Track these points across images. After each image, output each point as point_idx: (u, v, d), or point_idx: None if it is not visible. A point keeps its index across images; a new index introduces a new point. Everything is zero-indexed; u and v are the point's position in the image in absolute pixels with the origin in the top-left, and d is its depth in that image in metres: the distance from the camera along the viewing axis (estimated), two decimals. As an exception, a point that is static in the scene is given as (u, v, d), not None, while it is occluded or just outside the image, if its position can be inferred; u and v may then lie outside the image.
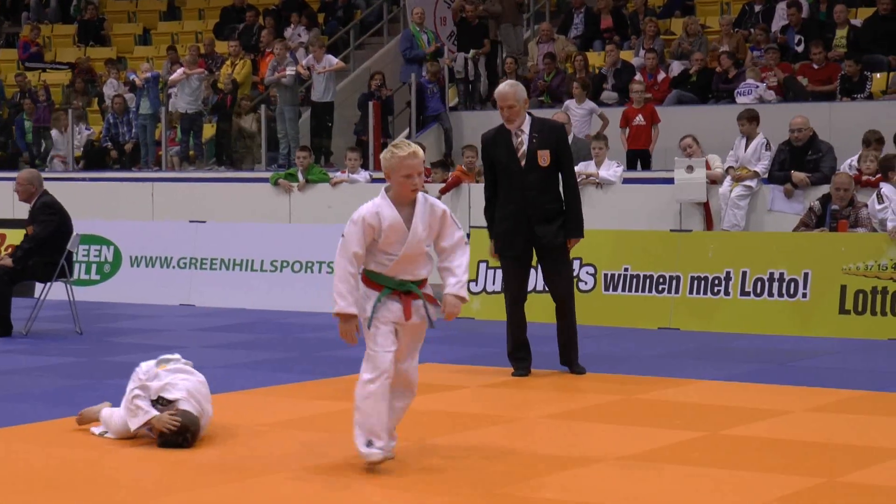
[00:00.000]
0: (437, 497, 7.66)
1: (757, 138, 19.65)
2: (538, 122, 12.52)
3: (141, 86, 26.93)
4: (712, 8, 26.42)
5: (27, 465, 9.12)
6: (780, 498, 7.87)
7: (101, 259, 20.84)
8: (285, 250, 19.74)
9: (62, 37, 32.06)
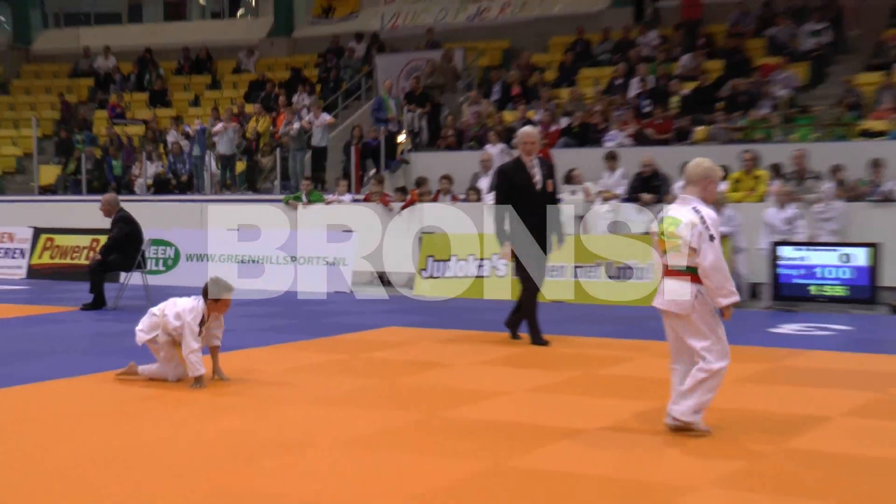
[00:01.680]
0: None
1: (618, 171, 19.90)
2: (542, 160, 12.62)
3: (193, 135, 26.92)
4: (588, 81, 26.28)
5: (114, 394, 9.28)
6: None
7: (165, 256, 20.96)
8: (293, 249, 19.82)
9: (138, 101, 31.77)
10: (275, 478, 6.65)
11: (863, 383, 9.83)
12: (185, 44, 34.13)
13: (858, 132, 21.19)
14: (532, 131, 12.76)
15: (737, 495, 6.35)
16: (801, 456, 7.25)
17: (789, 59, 24.60)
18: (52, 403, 9.17)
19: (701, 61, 25.33)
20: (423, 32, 30.62)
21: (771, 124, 22.02)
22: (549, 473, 6.76)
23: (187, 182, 26.52)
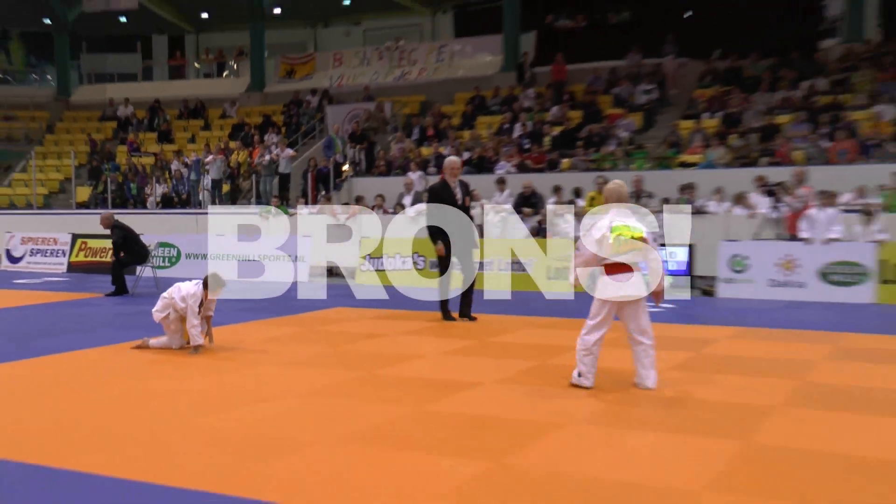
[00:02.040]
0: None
1: (506, 192, 19.96)
2: (461, 182, 12.55)
3: (190, 165, 26.68)
4: (483, 125, 26.33)
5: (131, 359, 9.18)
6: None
7: (170, 255, 20.71)
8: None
9: (149, 139, 31.59)
10: (253, 420, 6.68)
11: (683, 346, 9.94)
12: (185, 97, 34.04)
13: (678, 163, 21.47)
14: (455, 160, 12.76)
15: (597, 429, 6.40)
16: (641, 396, 7.35)
17: (628, 110, 24.90)
18: (85, 365, 9.10)
19: (565, 111, 25.47)
20: (361, 89, 30.55)
21: (616, 157, 22.20)
22: (458, 415, 6.78)
23: (186, 199, 26.36)
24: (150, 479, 5.24)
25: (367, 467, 5.51)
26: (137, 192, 27.17)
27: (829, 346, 10.15)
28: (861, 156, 19.78)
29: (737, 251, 15.79)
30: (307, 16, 37.55)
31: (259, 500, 4.89)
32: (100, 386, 8.01)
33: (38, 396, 7.60)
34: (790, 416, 6.86)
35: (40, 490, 5.14)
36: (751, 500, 4.92)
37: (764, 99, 23.35)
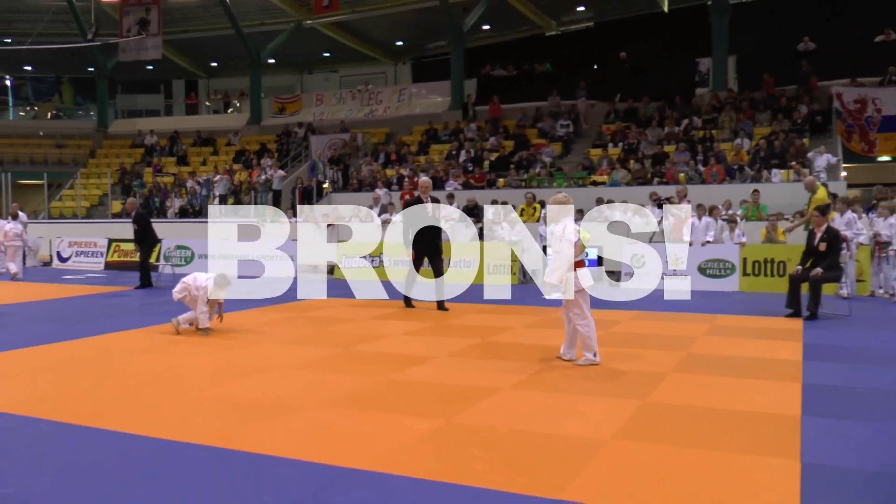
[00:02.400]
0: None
1: (455, 204, 19.74)
2: (433, 198, 12.26)
3: (202, 183, 26.35)
4: (436, 151, 26.34)
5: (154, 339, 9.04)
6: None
7: (186, 255, 20.36)
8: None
9: (169, 162, 31.13)
10: (252, 388, 6.59)
11: (596, 325, 9.94)
12: (198, 128, 33.58)
13: (590, 182, 21.56)
14: (427, 180, 12.57)
15: (526, 392, 6.38)
16: (560, 366, 7.35)
17: (550, 141, 24.97)
18: (117, 345, 8.89)
19: (501, 141, 25.51)
20: (338, 123, 30.34)
21: (541, 177, 22.26)
22: (417, 383, 6.72)
23: (199, 210, 25.96)
24: (170, 436, 5.18)
25: (344, 425, 5.47)
26: (160, 205, 26.78)
27: (707, 325, 10.24)
28: (727, 177, 20.03)
29: (636, 251, 15.88)
30: (295, 65, 37.60)
31: (258, 452, 4.85)
32: (129, 362, 7.86)
33: (78, 370, 7.45)
34: (677, 379, 6.90)
35: (75, 444, 5.06)
36: (647, 445, 4.98)
37: (655, 133, 23.56)
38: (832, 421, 5.56)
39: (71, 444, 5.08)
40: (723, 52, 25.27)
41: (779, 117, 22.46)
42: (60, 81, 39.60)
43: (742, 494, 4.19)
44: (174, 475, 4.51)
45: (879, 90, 21.08)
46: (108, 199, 28.91)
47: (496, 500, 4.11)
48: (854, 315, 11.16)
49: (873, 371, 7.29)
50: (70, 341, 9.07)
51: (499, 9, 29.19)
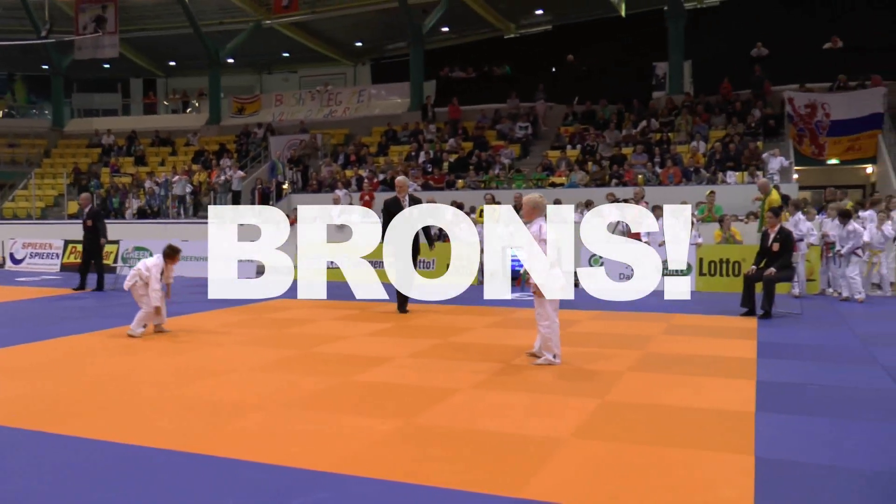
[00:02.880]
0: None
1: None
2: (411, 196, 11.95)
3: (161, 184, 25.97)
4: (395, 153, 26.28)
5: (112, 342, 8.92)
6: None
7: (145, 256, 20.00)
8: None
9: (127, 162, 30.65)
10: (213, 390, 6.53)
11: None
12: (156, 128, 33.14)
13: (548, 184, 21.68)
14: (401, 179, 12.23)
15: (486, 392, 6.40)
16: (520, 365, 7.39)
17: (509, 142, 25.08)
18: (75, 348, 8.75)
19: (460, 142, 25.56)
20: (297, 123, 30.16)
21: (500, 179, 22.34)
22: (377, 384, 6.71)
23: (157, 211, 25.64)
24: (130, 441, 5.11)
25: (305, 427, 5.44)
26: (118, 205, 26.36)
27: (664, 324, 10.35)
28: (684, 179, 20.29)
29: (594, 251, 15.97)
30: (254, 65, 37.28)
31: (219, 455, 4.81)
32: (88, 366, 7.73)
33: (34, 374, 7.31)
34: (635, 378, 6.97)
35: (33, 451, 4.97)
36: (605, 443, 5.03)
37: (613, 135, 23.77)
38: (785, 417, 5.66)
39: (29, 451, 4.99)
40: (679, 57, 25.61)
41: (733, 121, 22.81)
42: (13, 79, 38.77)
43: (698, 489, 4.25)
44: (134, 480, 4.45)
45: (828, 96, 21.51)
46: (65, 199, 28.39)
47: (457, 499, 4.12)
48: (806, 313, 11.37)
49: (825, 368, 7.44)
50: (26, 345, 8.89)
51: (458, 11, 29.23)
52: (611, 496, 4.15)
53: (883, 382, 6.75)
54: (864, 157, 21.17)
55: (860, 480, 4.35)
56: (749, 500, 4.07)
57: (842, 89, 22.10)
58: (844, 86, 22.29)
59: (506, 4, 29.82)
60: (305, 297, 13.82)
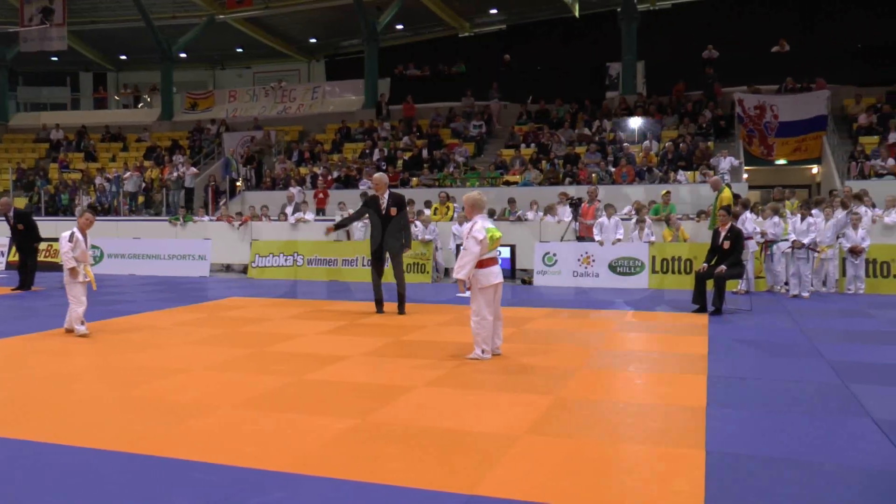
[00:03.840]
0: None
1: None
2: (392, 194, 11.47)
3: (111, 180, 25.51)
4: (350, 150, 26.17)
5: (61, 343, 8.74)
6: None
7: (95, 255, 19.67)
8: (173, 250, 19.07)
9: (77, 158, 30.05)
10: (166, 390, 6.43)
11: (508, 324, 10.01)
12: (107, 123, 32.54)
13: (503, 182, 21.76)
14: (377, 177, 11.71)
15: (440, 390, 6.39)
16: (473, 363, 7.39)
17: (463, 141, 25.10)
18: (21, 348, 8.55)
19: (414, 140, 25.53)
20: (251, 120, 29.90)
21: (454, 177, 22.35)
22: (332, 383, 6.66)
23: (108, 209, 25.17)
24: (78, 443, 5.00)
25: (258, 426, 5.38)
26: (68, 203, 25.81)
27: (617, 321, 10.46)
28: (637, 178, 20.50)
29: (548, 250, 16.08)
30: (207, 60, 36.89)
31: (170, 456, 4.73)
32: (34, 366, 7.56)
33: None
34: (588, 374, 7.02)
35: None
36: (559, 439, 5.05)
37: (566, 134, 23.93)
38: (735, 411, 5.75)
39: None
40: (632, 58, 25.90)
41: (685, 121, 23.11)
42: (-47, 71, 37.85)
43: (651, 483, 4.29)
44: (80, 484, 4.35)
45: (777, 97, 21.90)
46: (10, 196, 27.69)
47: (412, 497, 4.11)
48: (755, 309, 11.57)
49: (773, 363, 7.57)
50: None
51: (412, 9, 29.20)
52: (565, 492, 4.17)
53: (828, 377, 6.88)
54: (810, 157, 21.61)
55: (806, 472, 4.43)
56: (700, 493, 4.12)
57: (789, 91, 22.53)
58: (792, 88, 22.72)
59: (460, 3, 29.88)
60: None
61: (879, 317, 10.87)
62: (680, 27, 29.05)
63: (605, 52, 27.37)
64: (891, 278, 14.08)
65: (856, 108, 22.41)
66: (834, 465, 4.55)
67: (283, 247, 17.96)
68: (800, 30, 27.06)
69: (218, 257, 19.41)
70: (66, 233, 9.41)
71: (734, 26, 28.38)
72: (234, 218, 20.17)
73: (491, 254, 7.69)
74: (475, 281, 7.63)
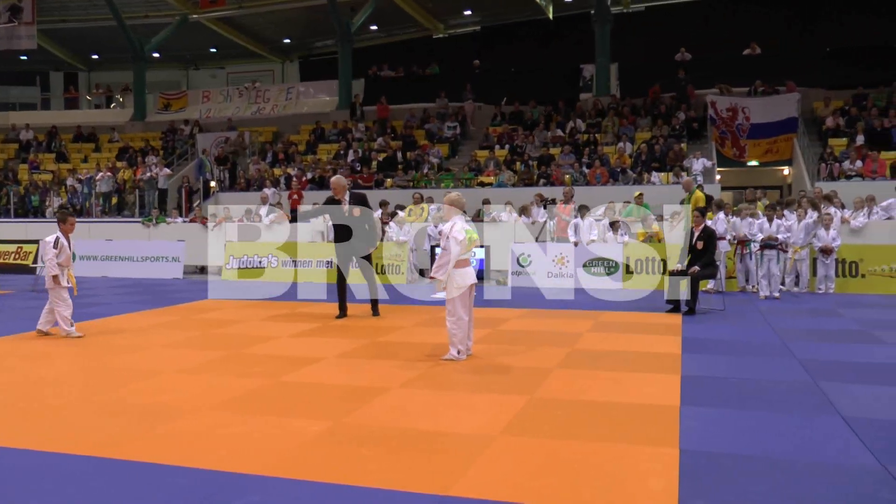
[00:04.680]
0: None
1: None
2: (353, 194, 11.25)
3: (83, 181, 25.24)
4: (324, 151, 26.07)
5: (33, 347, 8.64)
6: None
7: (65, 255, 19.53)
8: (146, 252, 18.90)
9: (48, 159, 29.62)
10: (141, 394, 6.38)
11: (483, 325, 10.03)
12: (79, 123, 32.14)
13: (477, 183, 21.77)
14: (335, 180, 11.33)
15: (415, 391, 6.39)
16: (448, 363, 7.39)
17: (437, 142, 25.10)
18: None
19: (388, 141, 25.47)
20: (225, 121, 29.70)
21: (428, 178, 22.33)
22: (307, 384, 6.64)
23: (80, 210, 24.90)
24: (52, 448, 4.94)
25: (234, 429, 5.35)
26: (39, 204, 25.50)
27: (591, 321, 10.50)
28: (611, 179, 20.61)
29: (522, 250, 16.12)
30: (181, 60, 36.60)
31: (146, 461, 4.69)
32: (7, 370, 7.48)
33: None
34: (563, 374, 7.05)
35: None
36: (534, 439, 5.07)
37: (541, 135, 24.01)
38: (709, 409, 5.81)
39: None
40: (606, 60, 26.03)
41: (659, 123, 23.26)
42: (-79, 70, 37.25)
43: (625, 482, 4.32)
44: (53, 489, 4.30)
45: (748, 100, 22.12)
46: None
47: (387, 499, 4.11)
48: (728, 310, 11.67)
49: (746, 362, 7.65)
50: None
51: (386, 10, 29.16)
52: (540, 492, 4.18)
53: (799, 375, 6.97)
54: (781, 159, 21.84)
55: (779, 469, 4.48)
56: (674, 491, 4.15)
57: (762, 94, 22.76)
58: (765, 91, 22.95)
59: (434, 4, 29.89)
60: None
61: (848, 316, 11.02)
62: (653, 30, 29.26)
63: (579, 54, 27.50)
64: (859, 278, 14.28)
65: (825, 111, 22.69)
66: (805, 462, 4.60)
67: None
68: (770, 33, 27.33)
69: (192, 259, 19.27)
70: (49, 238, 9.26)
71: (706, 29, 28.63)
72: (209, 219, 20.03)
73: (465, 255, 7.71)
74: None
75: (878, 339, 9.03)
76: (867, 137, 20.57)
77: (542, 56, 29.60)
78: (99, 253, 19.25)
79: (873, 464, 4.59)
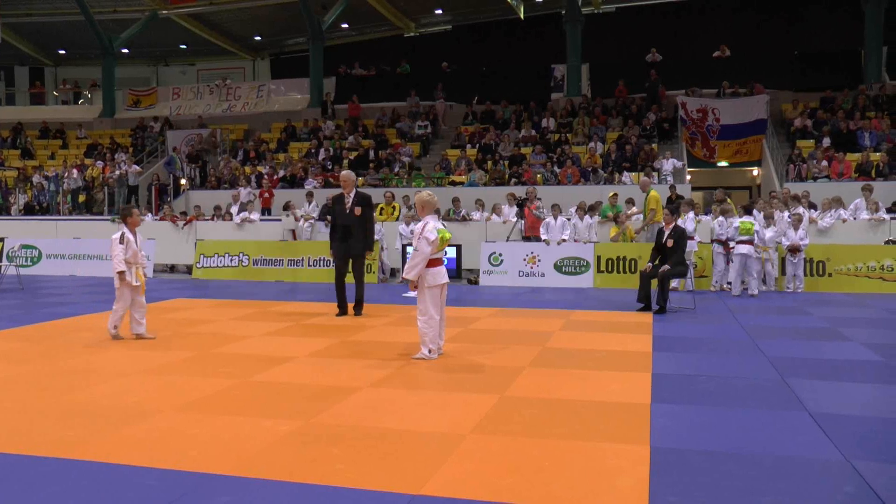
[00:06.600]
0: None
1: (314, 203, 19.51)
2: (359, 193, 11.18)
3: (50, 178, 24.94)
4: (295, 149, 25.92)
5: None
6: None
7: (32, 255, 19.21)
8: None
9: (14, 155, 29.23)
10: (105, 394, 6.30)
11: (455, 324, 10.02)
12: (45, 119, 31.74)
13: (448, 182, 21.78)
14: (345, 174, 11.39)
15: (384, 390, 6.37)
16: (418, 363, 7.38)
17: (408, 141, 25.08)
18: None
19: (359, 140, 25.43)
20: (196, 118, 29.48)
21: (400, 177, 22.32)
22: (277, 384, 6.59)
23: (46, 208, 24.59)
24: (15, 450, 4.85)
25: (203, 430, 5.29)
26: (3, 201, 25.14)
27: (563, 320, 10.53)
28: (582, 179, 20.70)
29: (494, 249, 16.15)
30: (150, 56, 36.22)
31: (113, 462, 4.62)
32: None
33: None
34: (534, 373, 7.06)
35: None
36: (505, 438, 5.06)
37: (512, 135, 24.06)
38: (679, 407, 5.84)
39: None
40: (577, 60, 26.16)
41: (630, 123, 23.41)
42: None
43: (596, 479, 4.32)
44: (14, 492, 4.22)
45: (718, 101, 22.34)
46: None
47: (357, 498, 4.08)
48: (699, 308, 11.77)
49: (716, 360, 7.72)
50: None
51: (358, 8, 29.10)
52: (511, 490, 4.18)
53: (768, 373, 7.04)
54: (750, 160, 22.07)
55: (748, 465, 4.51)
56: (644, 488, 4.17)
57: (731, 95, 22.98)
58: (734, 92, 23.18)
59: (405, 3, 29.88)
60: (203, 296, 13.49)
61: (816, 314, 11.16)
62: (624, 31, 29.47)
63: (550, 54, 27.63)
64: (826, 277, 14.46)
65: (793, 113, 22.96)
66: (774, 458, 4.64)
67: (228, 247, 17.74)
68: (740, 36, 27.62)
69: (162, 258, 19.08)
70: (115, 234, 9.02)
71: (677, 31, 28.88)
72: (179, 217, 19.84)
73: (437, 254, 7.70)
74: (422, 281, 7.65)
75: (845, 336, 9.16)
76: (834, 139, 20.86)
77: (514, 56, 29.70)
78: (66, 251, 19.02)
79: (838, 458, 4.65)
